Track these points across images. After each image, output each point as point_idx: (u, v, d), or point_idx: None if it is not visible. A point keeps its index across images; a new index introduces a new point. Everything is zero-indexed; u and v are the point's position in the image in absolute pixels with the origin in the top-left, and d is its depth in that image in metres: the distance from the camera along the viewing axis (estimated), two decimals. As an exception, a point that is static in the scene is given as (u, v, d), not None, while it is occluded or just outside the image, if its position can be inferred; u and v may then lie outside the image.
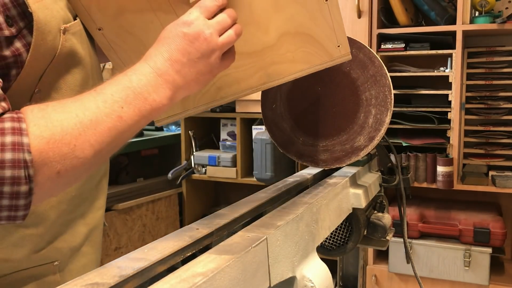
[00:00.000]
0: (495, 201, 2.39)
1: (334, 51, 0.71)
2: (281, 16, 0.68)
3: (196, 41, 0.62)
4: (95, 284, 0.46)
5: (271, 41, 0.71)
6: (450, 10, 2.16)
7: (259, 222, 0.66)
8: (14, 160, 0.50)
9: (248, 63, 0.74)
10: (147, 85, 0.59)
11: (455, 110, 2.12)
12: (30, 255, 0.75)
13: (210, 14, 0.64)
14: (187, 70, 0.62)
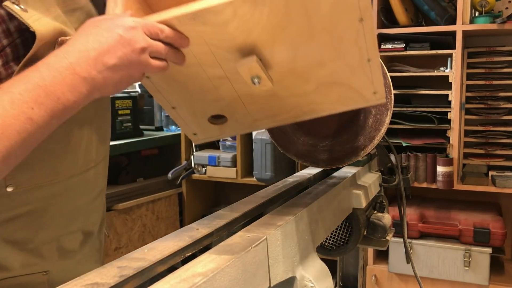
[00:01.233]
0: (495, 201, 2.39)
1: (370, 97, 0.73)
2: (323, 71, 0.69)
3: (129, 47, 0.58)
4: (95, 284, 0.46)
5: (310, 89, 0.73)
6: (450, 10, 2.16)
7: (259, 222, 0.66)
8: None
9: (286, 104, 0.76)
10: (61, 84, 0.54)
11: (455, 110, 2.12)
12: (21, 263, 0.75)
13: (150, 34, 0.60)
14: (110, 74, 0.58)
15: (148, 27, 0.59)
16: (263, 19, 0.60)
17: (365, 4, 0.59)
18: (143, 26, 0.59)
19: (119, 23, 0.58)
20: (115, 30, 0.57)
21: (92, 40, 0.57)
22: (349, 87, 0.72)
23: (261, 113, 0.77)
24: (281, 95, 0.73)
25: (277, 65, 0.67)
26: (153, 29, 0.60)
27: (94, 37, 0.57)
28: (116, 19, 0.59)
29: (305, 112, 0.77)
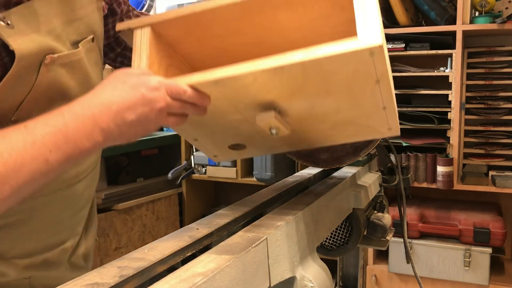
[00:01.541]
0: (495, 201, 2.39)
1: (384, 132, 0.76)
2: (339, 115, 0.72)
3: (149, 107, 0.61)
4: (95, 284, 0.46)
5: (327, 127, 0.76)
6: (450, 10, 2.16)
7: (259, 222, 0.66)
8: None
9: (303, 137, 0.79)
10: (81, 131, 0.58)
11: (455, 110, 2.12)
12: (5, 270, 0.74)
13: (172, 94, 0.62)
14: (127, 128, 0.61)
15: (171, 88, 0.62)
16: (282, 83, 0.63)
17: (382, 70, 0.61)
18: (166, 87, 0.62)
19: (144, 82, 0.61)
20: (139, 89, 0.60)
21: (117, 95, 0.60)
22: (364, 125, 0.75)
23: (279, 142, 0.81)
24: (298, 131, 0.76)
25: (295, 113, 0.71)
26: (175, 90, 0.62)
27: (119, 92, 0.60)
28: (143, 77, 0.62)
29: (321, 141, 0.81)
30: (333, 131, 0.77)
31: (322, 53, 0.58)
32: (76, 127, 0.57)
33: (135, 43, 0.71)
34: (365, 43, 0.57)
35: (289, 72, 0.61)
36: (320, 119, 0.73)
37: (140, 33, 0.71)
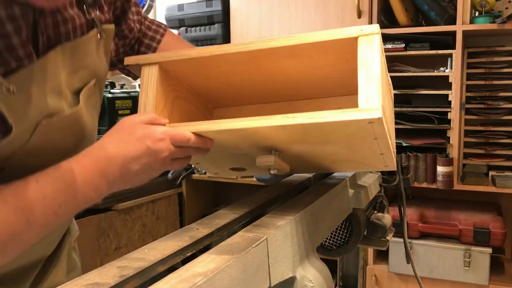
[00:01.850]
0: (495, 201, 2.39)
1: (381, 168, 0.82)
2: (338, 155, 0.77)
3: (154, 157, 0.63)
4: (95, 284, 0.46)
5: (326, 162, 0.81)
6: (450, 10, 2.16)
7: (259, 222, 0.66)
8: None
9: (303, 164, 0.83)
10: (89, 185, 0.61)
11: (455, 110, 2.12)
12: None
13: (176, 143, 0.65)
14: (132, 177, 0.64)
15: (175, 138, 0.65)
16: (284, 136, 0.67)
17: (381, 132, 0.64)
18: (171, 137, 0.64)
19: (150, 134, 0.64)
20: (144, 141, 0.63)
21: (122, 147, 0.63)
22: (362, 163, 0.80)
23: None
24: (298, 163, 0.80)
25: (295, 153, 0.75)
26: (180, 139, 0.65)
27: (125, 144, 0.63)
28: (148, 128, 0.64)
29: (320, 170, 0.89)
30: (332, 165, 0.83)
31: (323, 119, 0.61)
32: (84, 181, 0.60)
33: (143, 79, 0.74)
34: (365, 116, 0.60)
35: (291, 129, 0.64)
36: (319, 157, 0.77)
37: (148, 70, 0.74)
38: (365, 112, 0.61)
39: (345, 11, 2.27)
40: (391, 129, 0.76)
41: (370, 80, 0.63)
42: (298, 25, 2.39)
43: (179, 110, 0.81)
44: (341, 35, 0.66)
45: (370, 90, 0.62)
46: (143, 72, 0.74)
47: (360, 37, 0.65)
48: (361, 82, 0.63)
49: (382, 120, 0.60)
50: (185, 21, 2.69)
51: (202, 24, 2.65)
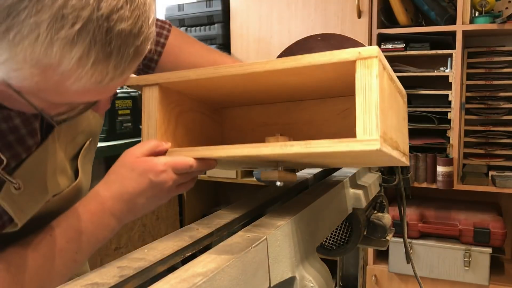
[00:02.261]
0: (495, 201, 2.39)
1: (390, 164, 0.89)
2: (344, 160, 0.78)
3: (158, 189, 0.65)
4: (95, 284, 0.46)
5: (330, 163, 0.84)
6: (450, 10, 2.16)
7: (259, 222, 0.66)
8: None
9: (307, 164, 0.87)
10: (100, 227, 0.63)
11: (455, 110, 2.12)
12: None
13: (178, 171, 0.66)
14: (139, 210, 0.66)
15: (177, 167, 0.66)
16: (285, 157, 0.68)
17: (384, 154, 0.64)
18: (173, 167, 0.66)
19: (151, 168, 0.65)
20: (147, 175, 0.64)
21: (126, 184, 0.64)
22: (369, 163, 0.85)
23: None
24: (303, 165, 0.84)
25: (300, 162, 0.76)
26: (182, 167, 0.66)
27: (129, 181, 0.65)
28: (150, 162, 0.65)
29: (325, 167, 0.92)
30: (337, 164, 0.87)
31: (321, 149, 0.61)
32: (95, 225, 0.63)
33: (144, 99, 0.75)
34: (363, 147, 0.59)
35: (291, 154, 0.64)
36: (324, 162, 0.79)
37: (148, 91, 0.74)
38: (363, 143, 0.59)
39: (345, 11, 2.27)
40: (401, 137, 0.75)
41: (368, 108, 0.60)
42: (298, 25, 2.39)
43: (184, 124, 0.81)
44: (337, 59, 0.63)
45: (368, 119, 0.60)
46: (144, 92, 0.75)
47: (358, 61, 0.61)
48: (359, 110, 0.61)
49: (381, 149, 0.59)
50: (185, 21, 2.69)
51: (202, 24, 2.65)
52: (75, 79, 0.46)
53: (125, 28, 0.45)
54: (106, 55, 0.45)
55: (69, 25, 0.42)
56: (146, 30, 0.48)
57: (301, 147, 0.62)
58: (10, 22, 0.41)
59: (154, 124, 0.73)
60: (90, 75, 0.46)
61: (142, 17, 0.47)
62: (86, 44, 0.44)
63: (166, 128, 0.76)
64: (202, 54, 0.93)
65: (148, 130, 0.73)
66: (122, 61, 0.47)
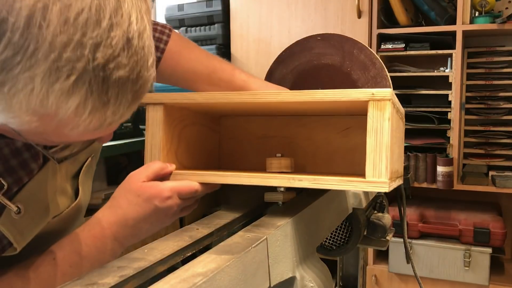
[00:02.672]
0: (495, 201, 2.39)
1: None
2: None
3: (163, 214, 0.66)
4: (95, 284, 0.46)
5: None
6: (450, 10, 2.16)
7: (259, 222, 0.66)
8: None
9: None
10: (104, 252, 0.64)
11: (455, 110, 2.12)
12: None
13: (183, 196, 0.68)
14: (143, 234, 0.67)
15: (183, 192, 0.67)
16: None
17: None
18: (178, 192, 0.67)
19: (157, 194, 0.66)
20: (152, 201, 0.65)
21: (131, 209, 0.65)
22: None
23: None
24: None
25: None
26: (187, 192, 0.68)
27: (134, 206, 0.65)
28: (156, 187, 0.66)
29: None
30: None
31: (329, 186, 0.64)
32: (98, 250, 0.63)
33: (148, 117, 0.76)
34: (372, 188, 0.61)
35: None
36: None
37: (153, 109, 0.75)
38: (372, 184, 0.61)
39: (345, 11, 2.27)
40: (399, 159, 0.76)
41: (379, 149, 0.61)
42: (298, 25, 2.39)
43: (186, 138, 0.82)
44: (351, 98, 0.63)
45: (379, 161, 0.61)
46: (148, 110, 0.75)
47: (371, 102, 0.62)
48: (369, 150, 0.62)
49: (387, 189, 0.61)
50: (185, 21, 2.69)
51: (202, 24, 2.65)
52: (73, 126, 0.45)
53: (122, 76, 0.44)
54: (104, 103, 0.44)
55: (64, 77, 0.41)
56: (145, 74, 0.47)
57: (309, 182, 0.64)
58: (4, 76, 0.40)
59: (158, 143, 0.74)
60: (88, 122, 0.45)
61: (140, 62, 0.45)
62: (82, 94, 0.43)
63: (170, 147, 0.76)
64: (202, 60, 0.92)
65: (151, 150, 0.74)
66: (121, 107, 0.46)
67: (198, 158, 0.86)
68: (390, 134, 0.61)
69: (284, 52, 0.99)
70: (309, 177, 0.64)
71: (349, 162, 0.85)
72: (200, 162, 0.87)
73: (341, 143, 0.85)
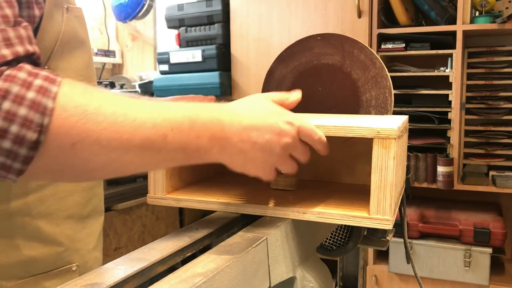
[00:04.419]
0: (495, 201, 2.39)
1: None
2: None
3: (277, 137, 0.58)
4: (95, 284, 0.46)
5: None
6: (450, 10, 2.16)
7: (259, 222, 0.66)
8: (34, 101, 0.45)
9: None
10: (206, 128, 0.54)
11: (455, 110, 2.12)
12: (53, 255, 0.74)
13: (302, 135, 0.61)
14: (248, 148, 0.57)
15: (304, 130, 0.61)
16: None
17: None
18: (299, 126, 0.60)
19: (281, 114, 0.60)
20: (274, 117, 0.59)
21: (251, 113, 0.58)
22: None
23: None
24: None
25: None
26: (307, 131, 0.61)
27: (254, 113, 0.58)
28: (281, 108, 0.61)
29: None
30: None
31: (332, 220, 0.65)
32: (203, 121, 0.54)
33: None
34: (375, 225, 0.63)
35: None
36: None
37: None
38: (375, 221, 0.63)
39: (345, 10, 2.27)
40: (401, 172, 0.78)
41: (383, 186, 0.62)
42: (298, 25, 2.39)
43: None
44: (356, 135, 0.64)
45: (383, 198, 0.62)
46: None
47: (376, 140, 0.62)
48: (374, 187, 0.62)
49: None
50: (185, 21, 2.69)
51: (202, 24, 2.65)
52: None
53: None
54: None
55: None
56: None
57: (313, 215, 0.65)
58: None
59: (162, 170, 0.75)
60: None
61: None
62: None
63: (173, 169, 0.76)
64: None
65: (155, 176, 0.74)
66: None
67: (200, 168, 0.85)
68: (394, 172, 0.62)
69: (284, 52, 0.99)
70: (313, 211, 0.65)
71: (352, 172, 0.85)
72: (203, 172, 0.86)
73: (346, 153, 0.85)
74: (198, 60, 2.57)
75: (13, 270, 0.70)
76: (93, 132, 0.47)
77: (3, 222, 0.69)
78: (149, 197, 0.74)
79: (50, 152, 0.47)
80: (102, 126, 0.47)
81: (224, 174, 0.90)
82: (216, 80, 2.50)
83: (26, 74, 0.46)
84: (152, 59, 3.24)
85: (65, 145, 0.46)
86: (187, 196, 0.74)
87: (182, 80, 2.60)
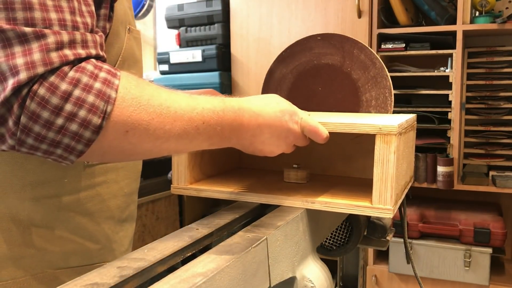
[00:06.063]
0: (495, 201, 2.39)
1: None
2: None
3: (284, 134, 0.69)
4: (95, 284, 0.46)
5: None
6: (450, 10, 2.16)
7: (259, 222, 0.66)
8: (100, 90, 0.52)
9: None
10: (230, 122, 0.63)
11: (455, 110, 2.12)
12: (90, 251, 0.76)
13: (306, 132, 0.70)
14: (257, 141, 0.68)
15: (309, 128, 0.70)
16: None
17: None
18: (304, 124, 0.70)
19: (292, 112, 0.70)
20: (285, 115, 0.69)
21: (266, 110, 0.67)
22: None
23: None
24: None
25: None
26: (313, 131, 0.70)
27: (269, 109, 0.68)
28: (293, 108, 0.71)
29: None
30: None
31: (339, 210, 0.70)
32: (228, 116, 0.63)
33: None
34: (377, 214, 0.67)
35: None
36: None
37: None
38: (377, 210, 0.67)
39: (345, 10, 2.27)
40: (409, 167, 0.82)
41: (385, 178, 0.67)
42: (298, 25, 2.39)
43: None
44: (359, 131, 0.69)
45: (384, 189, 0.67)
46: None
47: (378, 135, 0.67)
48: (376, 179, 0.67)
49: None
50: (185, 21, 2.69)
51: (202, 24, 2.65)
52: None
53: None
54: None
55: None
56: None
57: (320, 205, 0.71)
58: None
59: (184, 161, 0.80)
60: None
61: None
62: None
63: (195, 162, 0.82)
64: None
65: (178, 167, 0.80)
66: None
67: (220, 163, 0.91)
68: (395, 165, 0.67)
69: (284, 51, 0.99)
70: (321, 201, 0.71)
71: (360, 167, 0.90)
72: (222, 166, 0.92)
73: (355, 149, 0.91)
74: (198, 60, 2.57)
75: (53, 259, 0.72)
76: (144, 122, 0.54)
77: (52, 214, 0.71)
78: (173, 188, 0.82)
79: (107, 137, 0.53)
80: (151, 116, 0.55)
81: (240, 169, 0.97)
82: (216, 80, 2.50)
83: (93, 67, 0.53)
84: (152, 59, 3.24)
85: (120, 131, 0.54)
86: (207, 187, 0.80)
87: (182, 80, 2.60)
